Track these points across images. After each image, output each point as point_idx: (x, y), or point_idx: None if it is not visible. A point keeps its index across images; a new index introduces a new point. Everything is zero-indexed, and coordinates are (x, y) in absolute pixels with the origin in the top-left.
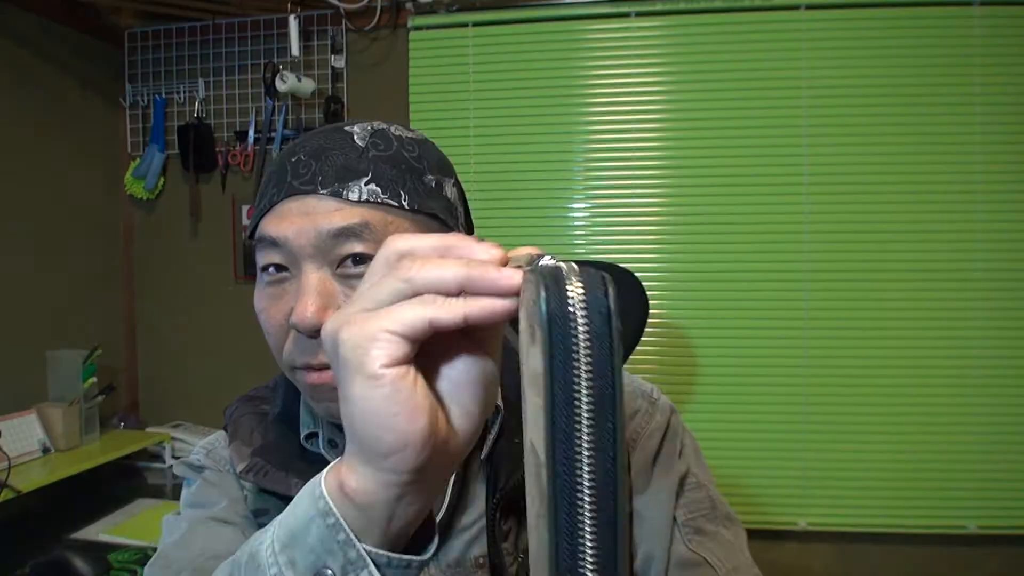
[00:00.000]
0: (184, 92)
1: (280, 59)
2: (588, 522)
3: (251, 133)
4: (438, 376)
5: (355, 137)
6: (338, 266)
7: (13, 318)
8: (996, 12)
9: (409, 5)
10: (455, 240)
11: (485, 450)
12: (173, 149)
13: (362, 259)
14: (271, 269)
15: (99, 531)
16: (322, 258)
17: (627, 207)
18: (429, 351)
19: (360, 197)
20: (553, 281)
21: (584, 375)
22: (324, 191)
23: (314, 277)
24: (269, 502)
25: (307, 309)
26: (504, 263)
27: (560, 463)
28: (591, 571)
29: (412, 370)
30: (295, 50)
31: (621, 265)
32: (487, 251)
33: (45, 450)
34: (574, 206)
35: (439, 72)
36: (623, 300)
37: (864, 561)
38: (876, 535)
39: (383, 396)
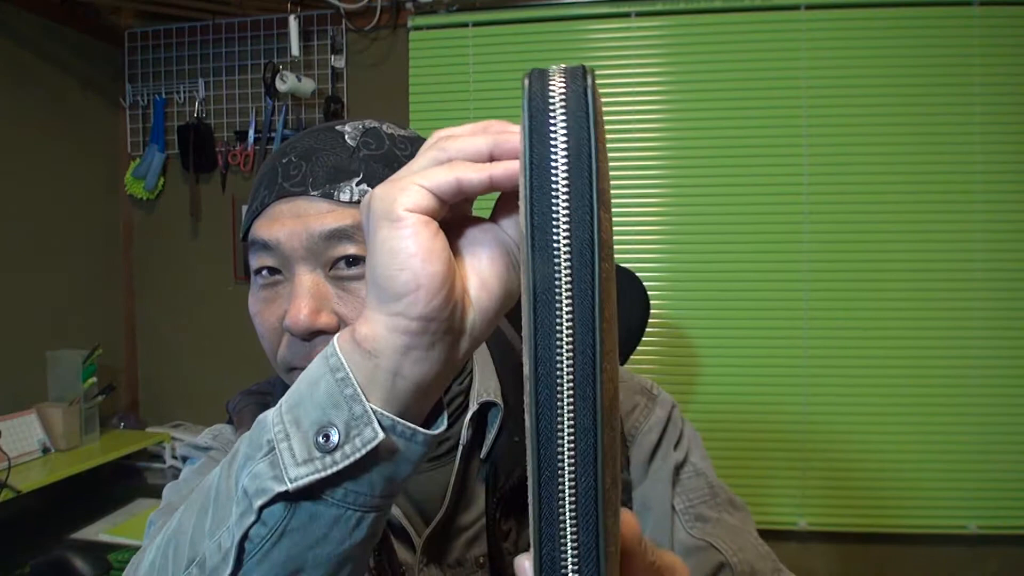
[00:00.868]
0: (184, 92)
1: (280, 59)
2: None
3: (251, 133)
4: (460, 246)
5: (346, 137)
6: (331, 268)
7: (13, 318)
8: (996, 12)
9: (409, 5)
10: (491, 122)
11: (485, 449)
12: (173, 149)
13: (355, 261)
14: (264, 272)
15: (99, 531)
16: (315, 260)
17: (627, 207)
18: (455, 232)
19: (352, 198)
20: (539, 76)
21: (560, 141)
22: (315, 192)
23: (307, 279)
24: None
25: (300, 312)
26: None
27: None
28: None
29: (435, 224)
30: (295, 50)
31: (621, 265)
32: (514, 127)
33: (45, 450)
34: None
35: (439, 72)
36: (624, 300)
37: (864, 561)
38: (876, 535)
39: (402, 236)
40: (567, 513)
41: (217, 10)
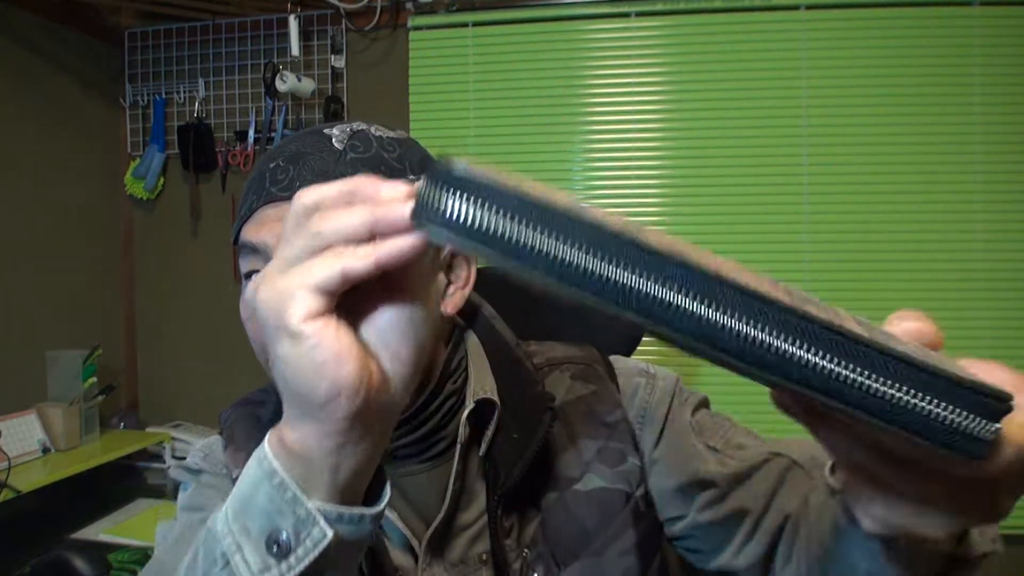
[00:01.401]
0: (184, 92)
1: (280, 59)
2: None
3: (251, 133)
4: (363, 325)
5: (333, 140)
6: None
7: (13, 318)
8: (996, 12)
9: (409, 5)
10: (361, 182)
11: (483, 447)
12: (173, 149)
13: None
14: (254, 276)
15: (99, 531)
16: None
17: (627, 207)
18: (352, 303)
19: None
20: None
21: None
22: None
23: None
24: None
25: None
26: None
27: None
28: None
29: (333, 320)
30: (295, 50)
31: None
32: (392, 188)
33: (45, 450)
34: None
35: (439, 72)
36: None
37: None
38: None
39: (308, 349)
40: None
41: (217, 10)
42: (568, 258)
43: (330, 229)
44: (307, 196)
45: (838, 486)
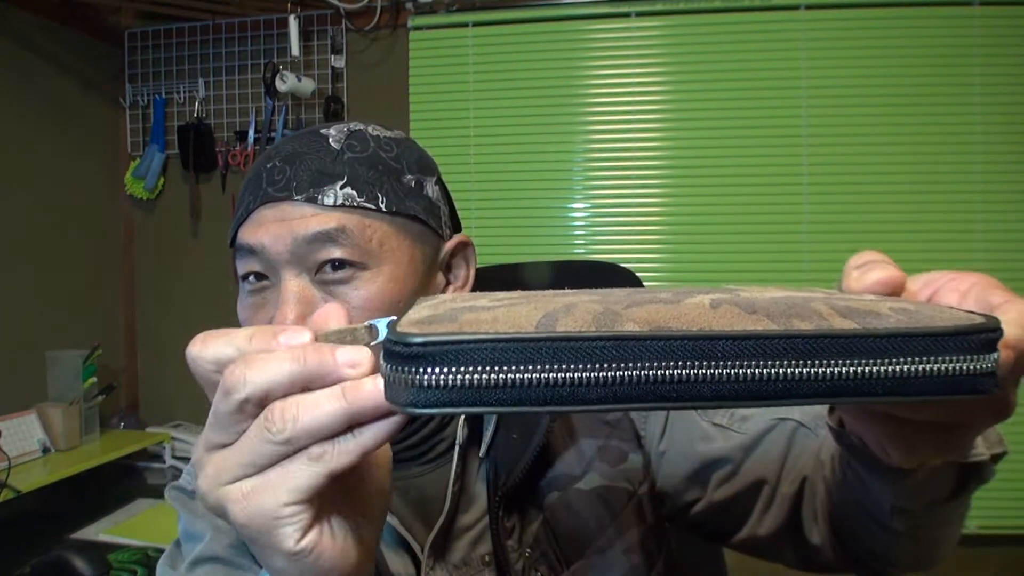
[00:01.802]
0: (184, 92)
1: (280, 59)
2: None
3: (251, 133)
4: (337, 498)
5: (330, 140)
6: (317, 272)
7: (13, 318)
8: (996, 12)
9: (409, 5)
10: (313, 358)
11: (483, 448)
12: (173, 149)
13: (340, 264)
14: (251, 278)
15: (99, 531)
16: (300, 265)
17: (627, 207)
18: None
19: (335, 201)
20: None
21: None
22: (299, 197)
23: (293, 284)
24: None
25: (286, 317)
26: (374, 367)
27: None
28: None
29: (325, 525)
30: (295, 50)
31: (621, 265)
32: (351, 362)
33: (45, 450)
34: (574, 206)
35: (439, 72)
36: None
37: None
38: None
39: (311, 562)
40: None
41: (217, 10)
42: (557, 378)
43: (302, 433)
44: (242, 384)
45: (841, 429)
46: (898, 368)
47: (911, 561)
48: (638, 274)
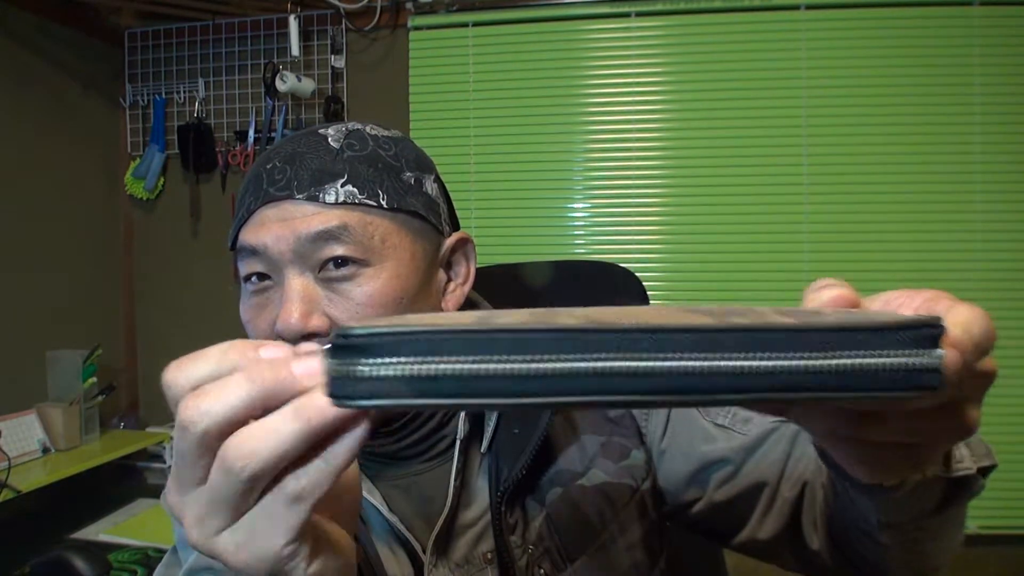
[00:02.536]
0: (184, 92)
1: (280, 59)
2: None
3: (251, 133)
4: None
5: (329, 139)
6: (320, 270)
7: (13, 318)
8: (996, 12)
9: (409, 5)
10: (267, 374)
11: (485, 443)
12: (173, 149)
13: (343, 262)
14: (254, 279)
15: (99, 531)
16: (303, 263)
17: (627, 207)
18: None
19: (337, 199)
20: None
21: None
22: (300, 196)
23: (296, 283)
24: None
25: (291, 316)
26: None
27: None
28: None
29: (323, 541)
30: (295, 50)
31: (621, 265)
32: (307, 373)
33: (45, 450)
34: (574, 206)
35: (439, 72)
36: (621, 300)
37: None
38: None
39: None
40: None
41: (217, 10)
42: (492, 369)
43: (267, 468)
44: (208, 409)
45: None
46: (838, 362)
47: (906, 570)
48: (638, 274)
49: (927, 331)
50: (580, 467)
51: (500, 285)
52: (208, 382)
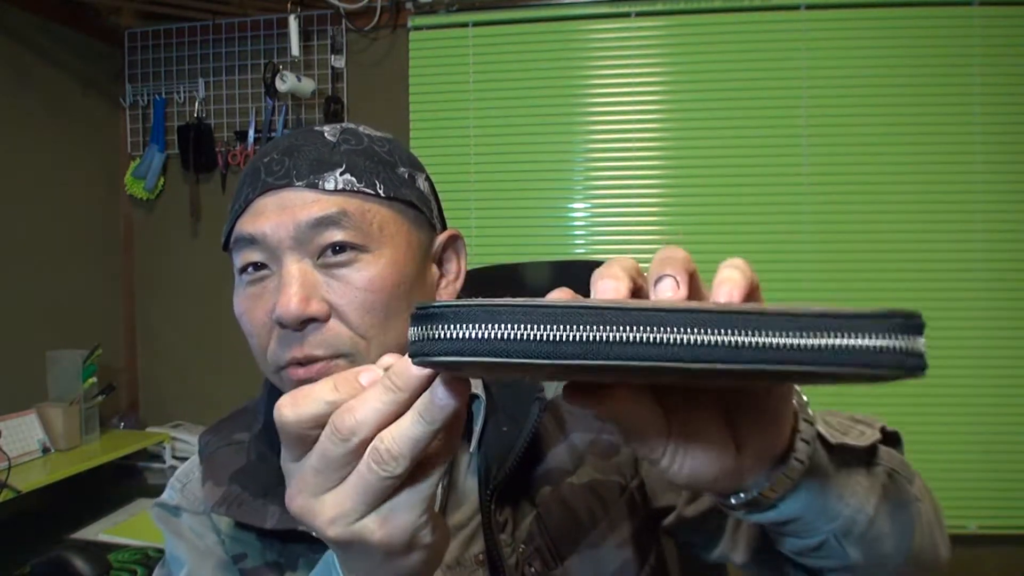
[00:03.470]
0: (184, 92)
1: (280, 59)
2: None
3: (251, 133)
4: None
5: (326, 134)
6: (319, 256)
7: (13, 318)
8: (996, 12)
9: (409, 5)
10: (397, 381)
11: (473, 442)
12: (173, 149)
13: (342, 248)
14: (250, 269)
15: (99, 531)
16: (302, 249)
17: (627, 207)
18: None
19: (336, 186)
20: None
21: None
22: (300, 183)
23: (295, 268)
24: (246, 544)
25: (290, 300)
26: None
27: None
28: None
29: (435, 514)
30: (295, 50)
31: None
32: (424, 373)
33: (45, 450)
34: (574, 206)
35: (439, 72)
36: None
37: None
38: None
39: (439, 548)
40: None
41: (217, 10)
42: (536, 334)
43: (407, 457)
44: (363, 419)
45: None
46: (840, 342)
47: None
48: None
49: (914, 322)
50: (570, 465)
51: (500, 285)
52: (335, 407)
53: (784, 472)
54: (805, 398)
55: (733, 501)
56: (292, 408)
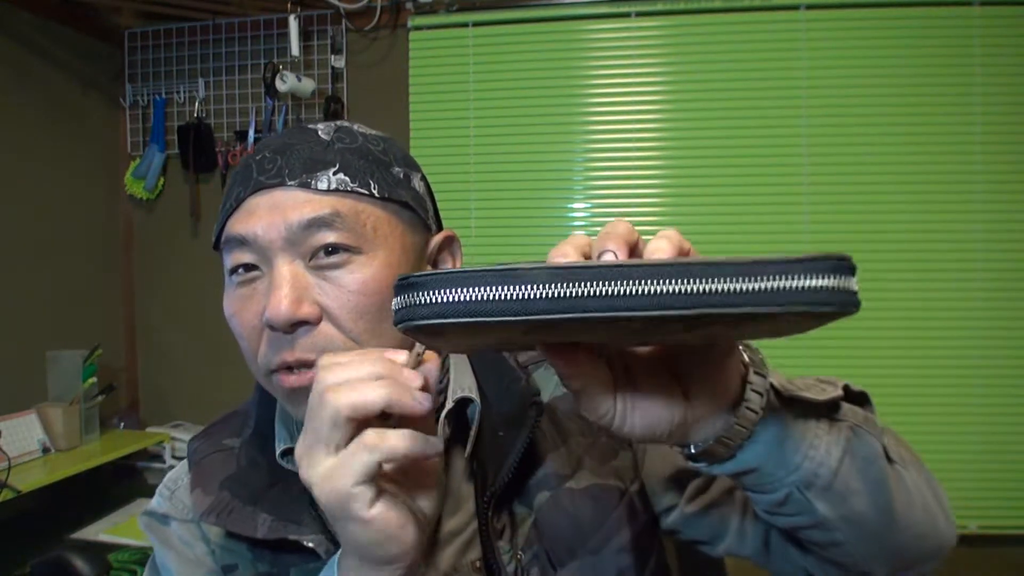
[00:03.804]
0: (184, 92)
1: (280, 59)
2: None
3: (251, 133)
4: (395, 475)
5: (320, 132)
6: (311, 258)
7: (13, 318)
8: (996, 12)
9: (409, 5)
10: (387, 371)
11: (468, 447)
12: (173, 149)
13: (335, 249)
14: (240, 270)
15: (99, 531)
16: (294, 251)
17: (627, 207)
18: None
19: (329, 187)
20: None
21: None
22: (292, 183)
23: (286, 269)
24: (237, 554)
25: (281, 302)
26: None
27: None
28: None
29: (389, 495)
30: (295, 50)
31: None
32: (415, 380)
33: (45, 450)
34: (574, 206)
35: (439, 72)
36: None
37: None
38: None
39: (377, 528)
40: None
41: (217, 10)
42: (508, 292)
43: (393, 447)
44: (341, 400)
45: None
46: (782, 284)
47: (857, 550)
48: None
49: (848, 264)
50: (568, 470)
51: None
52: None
53: (737, 421)
54: (761, 354)
55: (693, 451)
56: (342, 396)
